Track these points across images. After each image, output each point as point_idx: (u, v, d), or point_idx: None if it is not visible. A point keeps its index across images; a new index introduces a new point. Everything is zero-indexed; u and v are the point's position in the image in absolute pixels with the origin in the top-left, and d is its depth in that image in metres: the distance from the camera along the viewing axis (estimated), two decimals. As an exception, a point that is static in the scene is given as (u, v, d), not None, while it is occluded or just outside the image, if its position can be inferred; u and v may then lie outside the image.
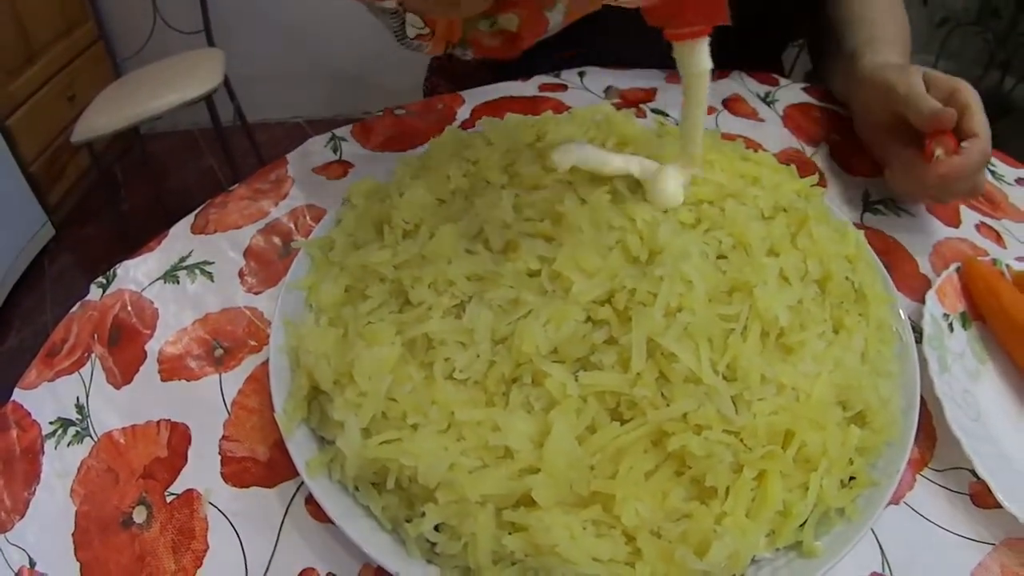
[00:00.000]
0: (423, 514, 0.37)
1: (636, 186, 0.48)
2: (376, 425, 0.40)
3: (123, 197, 2.02)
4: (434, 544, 0.38)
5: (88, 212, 2.14)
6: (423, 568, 0.38)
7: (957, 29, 1.57)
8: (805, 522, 0.40)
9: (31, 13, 1.93)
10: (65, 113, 2.00)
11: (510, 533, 0.36)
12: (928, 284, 0.55)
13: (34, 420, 0.50)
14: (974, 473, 0.44)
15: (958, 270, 0.56)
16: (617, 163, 0.47)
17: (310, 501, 0.44)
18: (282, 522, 0.44)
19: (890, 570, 0.43)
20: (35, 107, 1.96)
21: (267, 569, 0.42)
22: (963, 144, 0.55)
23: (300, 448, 0.42)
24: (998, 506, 0.43)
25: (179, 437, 0.49)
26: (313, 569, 0.42)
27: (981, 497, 0.46)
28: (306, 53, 2.23)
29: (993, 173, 0.72)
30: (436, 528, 0.38)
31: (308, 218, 0.62)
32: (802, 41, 0.90)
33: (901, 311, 0.51)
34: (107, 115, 1.64)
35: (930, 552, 0.44)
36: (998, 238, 0.64)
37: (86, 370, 0.53)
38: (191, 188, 2.07)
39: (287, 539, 0.44)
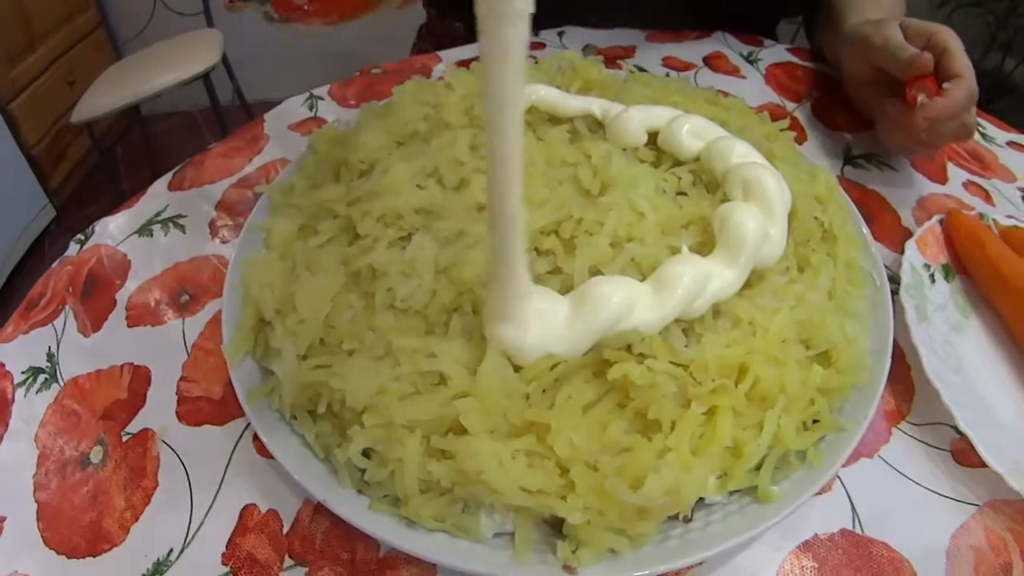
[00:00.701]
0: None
1: (597, 127, 0.47)
2: (314, 351, 0.39)
3: (123, 178, 2.05)
4: (364, 472, 0.36)
5: (89, 194, 2.16)
6: (352, 497, 0.37)
7: (958, 10, 1.53)
8: (762, 466, 0.38)
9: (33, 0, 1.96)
10: (66, 98, 2.00)
11: (439, 461, 0.35)
12: (910, 236, 0.53)
13: (7, 371, 0.51)
14: (957, 430, 0.42)
15: (941, 222, 0.54)
16: (576, 104, 0.46)
17: (257, 438, 0.44)
18: (229, 459, 0.44)
19: (861, 526, 0.41)
20: (37, 92, 1.98)
21: (211, 505, 0.42)
22: (945, 85, 0.53)
23: (244, 380, 0.41)
24: (982, 465, 0.41)
25: (140, 380, 0.49)
26: (255, 505, 0.42)
27: (964, 455, 0.43)
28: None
29: (984, 135, 0.70)
30: (367, 456, 0.37)
31: (279, 170, 0.62)
32: (800, 18, 0.88)
33: (877, 256, 0.48)
34: (106, 95, 1.66)
35: (906, 510, 0.41)
36: (987, 196, 0.62)
37: (59, 321, 0.54)
38: (191, 168, 2.10)
39: (233, 476, 0.43)
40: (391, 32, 1.10)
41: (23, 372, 0.51)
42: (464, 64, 0.72)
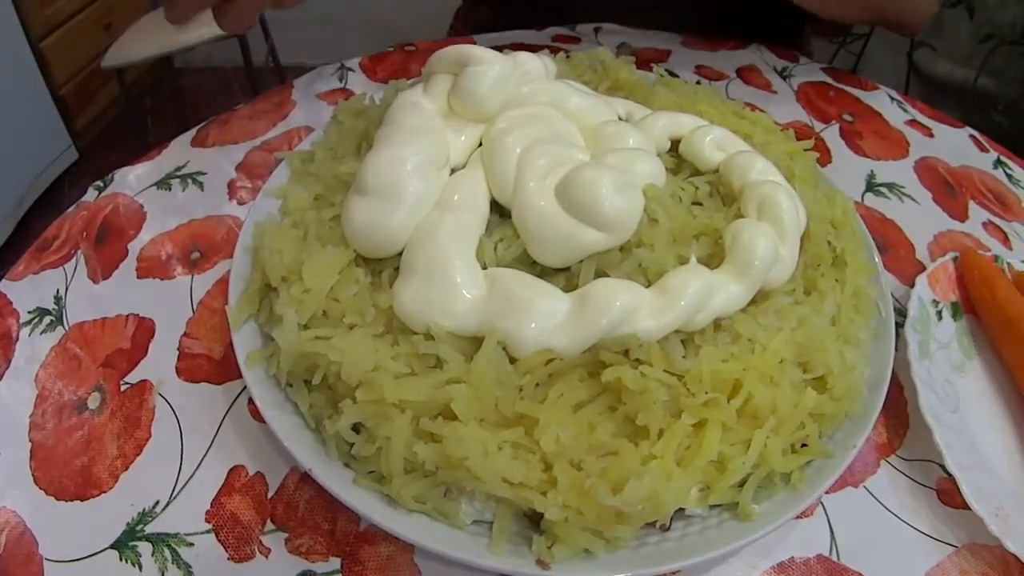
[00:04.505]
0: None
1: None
2: (315, 322, 0.39)
3: (149, 128, 2.05)
4: (352, 446, 0.37)
5: (114, 140, 2.16)
6: (338, 469, 0.37)
7: (1001, 47, 1.51)
8: (746, 483, 0.38)
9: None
10: (100, 40, 2.00)
11: (426, 443, 0.35)
12: (923, 270, 0.52)
13: (14, 308, 0.52)
14: (945, 469, 0.41)
15: (955, 259, 0.54)
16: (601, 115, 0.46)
17: (252, 402, 0.44)
18: (223, 419, 0.45)
19: (838, 554, 0.41)
20: (69, 32, 1.98)
21: (200, 462, 0.43)
22: None
23: (245, 343, 0.42)
24: (965, 507, 0.40)
25: (143, 331, 0.50)
26: (243, 467, 0.42)
27: (948, 495, 0.43)
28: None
29: (1010, 177, 0.69)
30: (357, 431, 0.37)
31: (303, 138, 0.62)
32: (842, 38, 0.87)
33: (885, 286, 0.48)
34: (138, 44, 1.66)
35: (885, 543, 0.42)
36: (1005, 239, 0.62)
37: (70, 265, 0.54)
38: (218, 125, 2.10)
39: (224, 435, 0.44)
40: (433, 7, 1.09)
41: (29, 312, 0.51)
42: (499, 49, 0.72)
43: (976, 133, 0.74)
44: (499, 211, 0.42)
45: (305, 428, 0.39)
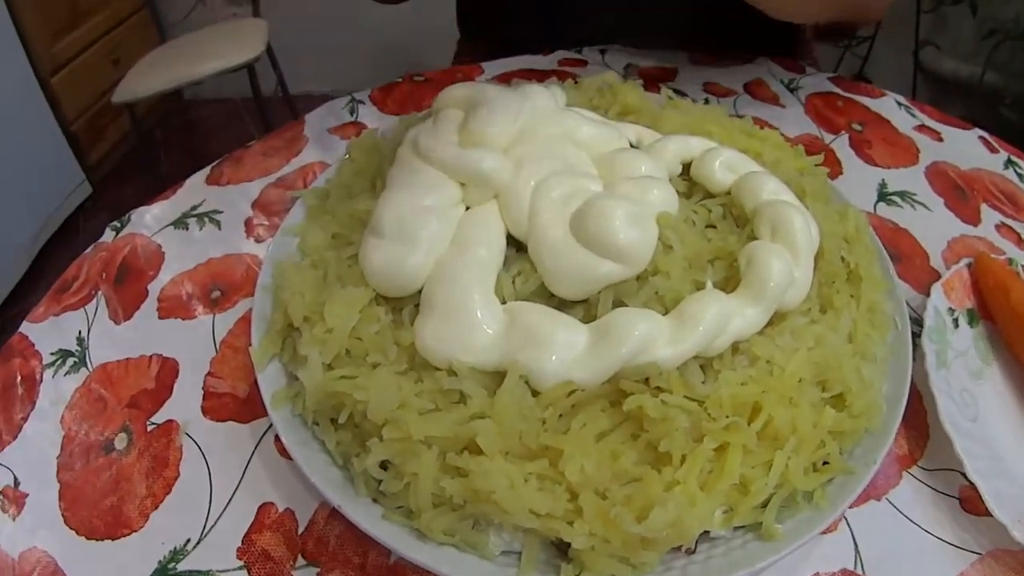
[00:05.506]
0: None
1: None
2: (339, 362, 0.40)
3: (161, 162, 2.07)
4: (380, 482, 0.38)
5: (126, 174, 2.17)
6: (367, 505, 0.38)
7: (1005, 42, 1.51)
8: (769, 503, 0.38)
9: (80, -24, 1.97)
10: (109, 75, 2.02)
11: (453, 478, 0.36)
12: (938, 278, 0.53)
13: (37, 351, 0.53)
14: (966, 476, 0.42)
15: (969, 266, 0.54)
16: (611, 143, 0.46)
17: (279, 439, 0.45)
18: (250, 457, 0.45)
19: (863, 568, 0.41)
20: (79, 68, 2.01)
21: (230, 500, 0.43)
22: None
23: (270, 382, 0.43)
24: (988, 514, 0.40)
25: (167, 371, 0.50)
26: (272, 504, 0.43)
27: (971, 503, 0.43)
28: (351, 27, 2.20)
29: (1020, 176, 0.69)
30: (384, 468, 0.38)
31: (317, 174, 0.63)
32: (847, 41, 0.88)
33: (901, 299, 0.48)
34: (148, 78, 1.68)
35: (909, 554, 0.42)
36: (1019, 240, 0.61)
37: (91, 306, 0.55)
38: (230, 156, 2.11)
39: (253, 474, 0.45)
40: (440, 29, 1.10)
41: (52, 354, 0.52)
42: (505, 79, 0.73)
43: (985, 134, 0.74)
44: (516, 245, 0.43)
45: (333, 465, 0.40)
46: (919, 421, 0.47)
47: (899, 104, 0.77)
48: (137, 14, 2.28)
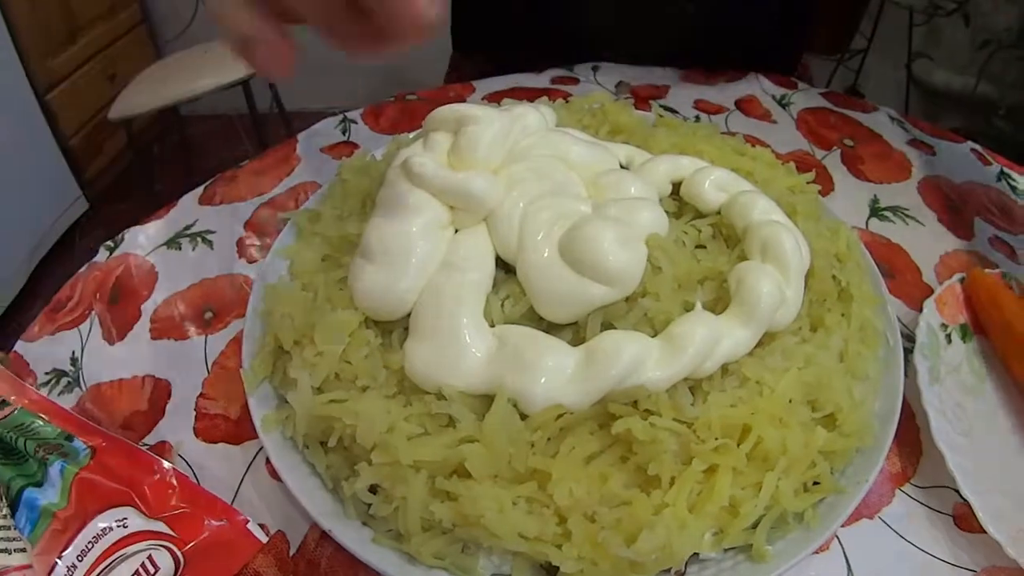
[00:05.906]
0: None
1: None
2: (329, 385, 0.40)
3: (157, 178, 2.06)
4: (370, 506, 0.38)
5: (123, 190, 2.17)
6: (357, 528, 0.38)
7: (999, 52, 1.52)
8: (759, 524, 0.38)
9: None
10: (105, 91, 2.02)
11: (442, 502, 0.36)
12: (930, 294, 0.53)
13: (31, 370, 0.53)
14: (960, 493, 0.42)
15: (962, 280, 0.54)
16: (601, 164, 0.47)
17: (270, 461, 0.45)
18: (242, 478, 0.45)
19: (855, 588, 0.41)
20: (75, 84, 2.00)
21: (221, 523, 0.43)
22: None
23: (261, 405, 0.43)
24: (982, 531, 0.40)
25: (160, 393, 0.51)
26: (263, 526, 0.43)
27: (965, 520, 0.43)
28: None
29: (1014, 188, 0.69)
30: (373, 491, 0.38)
31: (308, 194, 0.63)
32: (839, 55, 0.88)
33: (892, 315, 0.48)
34: (145, 94, 1.68)
35: (902, 573, 0.42)
36: (1012, 253, 0.62)
37: (85, 326, 0.55)
38: (225, 172, 2.11)
39: (245, 494, 0.45)
40: (434, 48, 1.11)
41: (47, 373, 0.52)
42: (496, 97, 0.73)
43: (978, 147, 0.74)
44: (505, 267, 0.43)
45: (323, 488, 0.40)
46: (912, 438, 0.47)
47: (891, 118, 0.78)
48: (134, 30, 2.29)
